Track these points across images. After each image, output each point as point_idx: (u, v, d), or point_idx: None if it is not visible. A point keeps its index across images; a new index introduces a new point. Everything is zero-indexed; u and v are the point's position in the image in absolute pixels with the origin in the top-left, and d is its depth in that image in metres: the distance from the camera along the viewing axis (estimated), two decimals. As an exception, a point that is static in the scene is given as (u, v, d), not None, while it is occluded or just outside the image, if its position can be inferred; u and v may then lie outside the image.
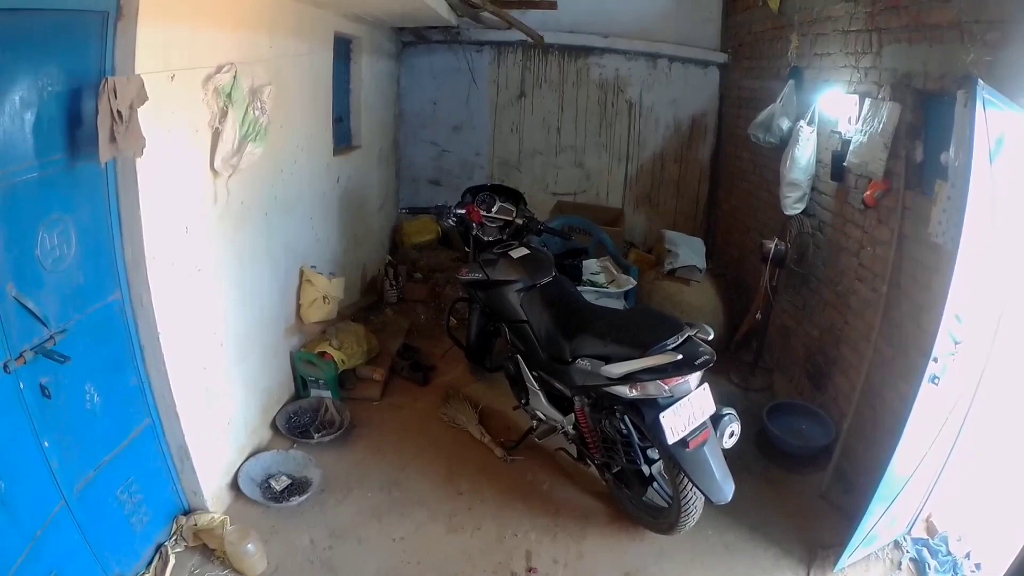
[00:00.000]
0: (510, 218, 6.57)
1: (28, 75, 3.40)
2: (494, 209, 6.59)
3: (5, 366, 3.26)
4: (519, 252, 5.97)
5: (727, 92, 10.32)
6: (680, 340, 4.40)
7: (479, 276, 5.86)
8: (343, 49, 8.53)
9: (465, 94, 11.02)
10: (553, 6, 9.35)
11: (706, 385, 4.55)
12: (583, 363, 4.81)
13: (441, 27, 9.92)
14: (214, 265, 5.10)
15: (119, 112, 3.64)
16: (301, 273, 6.76)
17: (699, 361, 4.31)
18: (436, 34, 10.48)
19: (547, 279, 5.78)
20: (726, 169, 10.28)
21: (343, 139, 8.62)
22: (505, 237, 6.49)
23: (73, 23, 3.69)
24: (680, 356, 4.27)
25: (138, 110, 3.81)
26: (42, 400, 3.55)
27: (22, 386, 3.40)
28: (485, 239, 6.48)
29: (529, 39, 9.84)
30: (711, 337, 4.52)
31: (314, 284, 6.71)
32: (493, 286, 5.81)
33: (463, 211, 6.50)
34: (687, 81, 10.56)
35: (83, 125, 3.70)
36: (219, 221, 5.15)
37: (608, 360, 4.57)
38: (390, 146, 10.61)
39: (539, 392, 5.57)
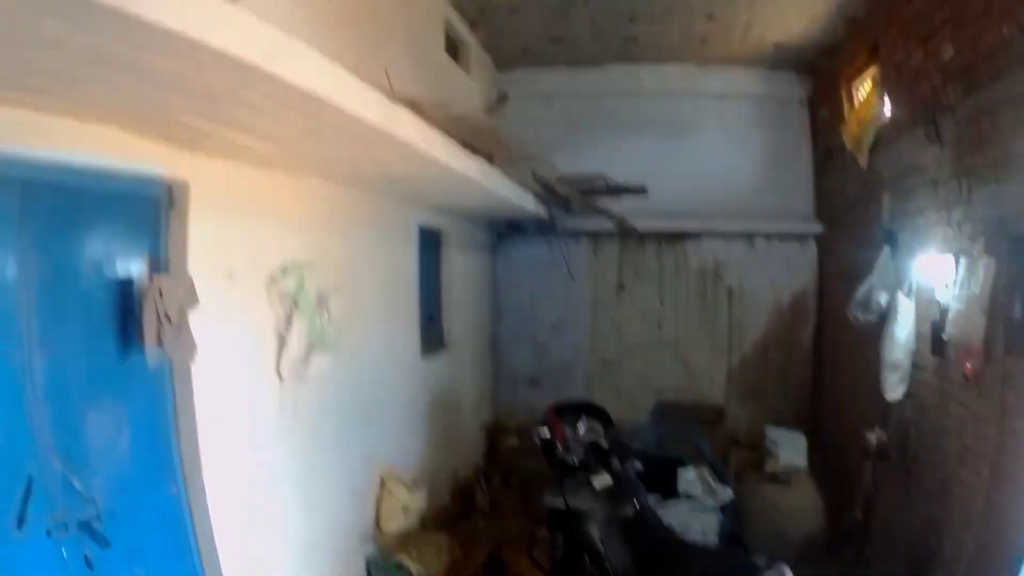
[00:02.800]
0: (597, 439, 6.34)
1: (78, 259, 3.54)
2: (580, 429, 6.38)
3: (48, 532, 3.28)
4: (602, 481, 5.75)
5: (825, 265, 10.16)
6: None
7: (559, 504, 5.68)
8: (431, 242, 8.61)
9: (563, 288, 11.01)
10: (643, 191, 9.39)
11: None
12: None
13: (536, 219, 9.99)
14: (280, 470, 5.09)
15: (167, 315, 3.72)
16: (382, 482, 6.66)
17: None
18: (531, 225, 10.57)
19: (629, 513, 5.52)
20: (828, 350, 9.97)
21: (434, 339, 8.61)
22: (591, 460, 6.21)
23: (123, 208, 3.85)
24: None
25: (189, 312, 3.90)
26: (85, 571, 3.49)
27: (65, 554, 3.38)
28: (571, 461, 6.21)
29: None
30: None
31: (394, 494, 6.62)
32: (573, 515, 5.62)
33: (547, 432, 6.24)
34: (785, 258, 10.46)
35: (135, 320, 3.76)
36: (286, 427, 5.16)
37: None
38: (486, 344, 10.65)
39: None
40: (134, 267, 3.89)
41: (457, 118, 5.54)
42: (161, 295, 3.70)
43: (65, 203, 3.45)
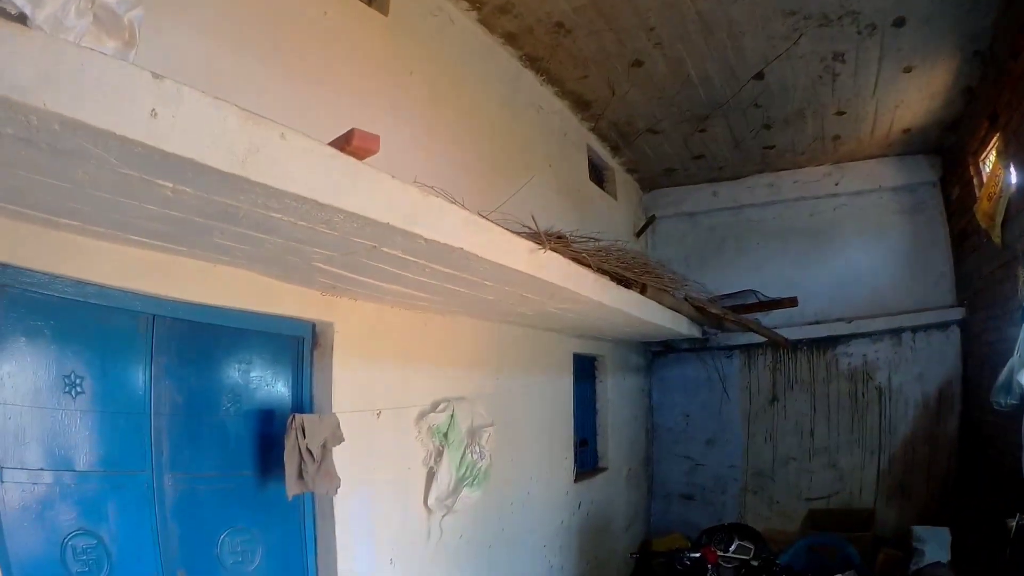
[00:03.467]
0: (747, 557, 6.00)
1: (213, 390, 3.54)
2: (731, 548, 6.10)
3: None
4: None
5: (969, 351, 9.37)
6: None
7: None
8: (586, 368, 8.41)
9: (717, 405, 10.56)
10: (794, 303, 8.92)
11: None
12: None
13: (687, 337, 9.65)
14: (424, 600, 4.80)
15: (309, 451, 3.58)
16: (527, 605, 6.32)
17: None
18: (684, 343, 10.25)
19: None
20: (973, 439, 9.17)
21: (588, 462, 8.32)
22: None
23: (263, 345, 3.81)
24: None
25: (334, 449, 3.72)
26: None
27: None
28: None
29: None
30: None
31: (539, 619, 6.20)
32: None
33: (698, 555, 5.98)
34: (930, 349, 9.69)
35: (274, 450, 3.67)
36: (431, 557, 4.90)
37: None
38: (640, 464, 10.21)
39: None
40: (275, 401, 3.87)
41: (607, 249, 5.28)
42: (304, 432, 3.57)
43: (200, 337, 3.49)
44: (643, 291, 5.85)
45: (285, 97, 3.26)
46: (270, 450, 3.72)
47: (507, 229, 3.27)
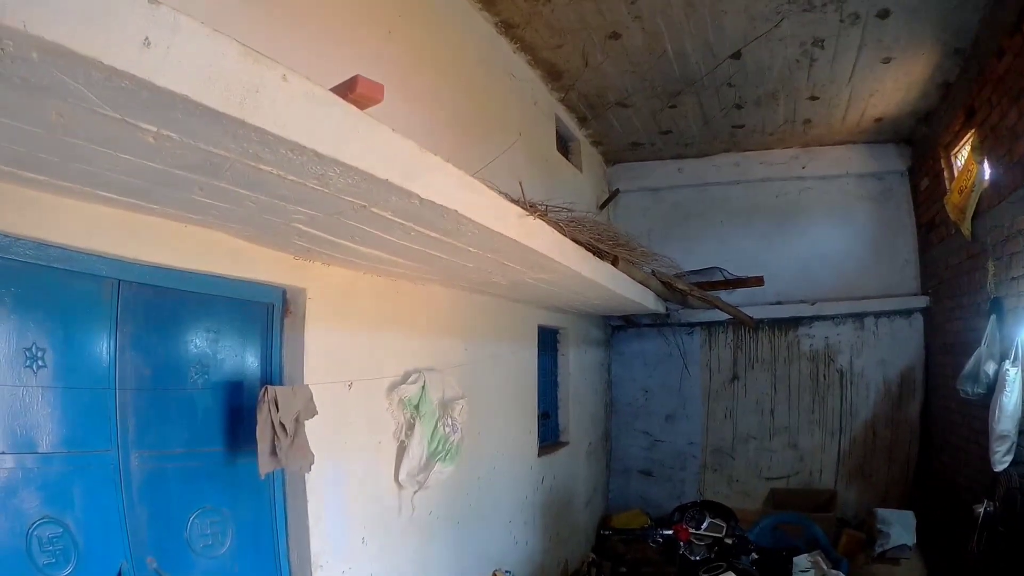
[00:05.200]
0: (720, 535, 5.97)
1: (180, 361, 3.39)
2: (703, 526, 6.03)
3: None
4: None
5: (932, 339, 9.59)
6: None
7: None
8: (549, 340, 8.37)
9: (677, 381, 10.61)
10: (760, 283, 8.92)
11: None
12: None
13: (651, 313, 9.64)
14: (392, 574, 4.71)
15: (282, 424, 3.43)
16: (493, 576, 6.28)
17: None
18: (645, 318, 10.26)
19: None
20: (936, 425, 9.42)
21: (549, 436, 8.29)
22: (713, 556, 5.90)
23: (232, 312, 3.65)
24: None
25: (306, 423, 3.59)
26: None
27: None
28: (692, 558, 5.88)
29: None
30: None
31: (506, 593, 6.20)
32: None
33: (670, 532, 5.95)
34: (893, 336, 9.89)
35: (244, 424, 3.54)
36: (402, 532, 4.82)
37: None
38: (600, 439, 10.20)
39: None
40: (245, 372, 3.72)
41: (579, 221, 5.19)
42: (276, 406, 3.42)
43: (167, 304, 3.31)
44: (615, 263, 5.78)
45: (265, 45, 3.07)
46: (240, 424, 3.57)
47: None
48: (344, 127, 1.94)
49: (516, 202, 3.52)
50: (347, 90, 2.06)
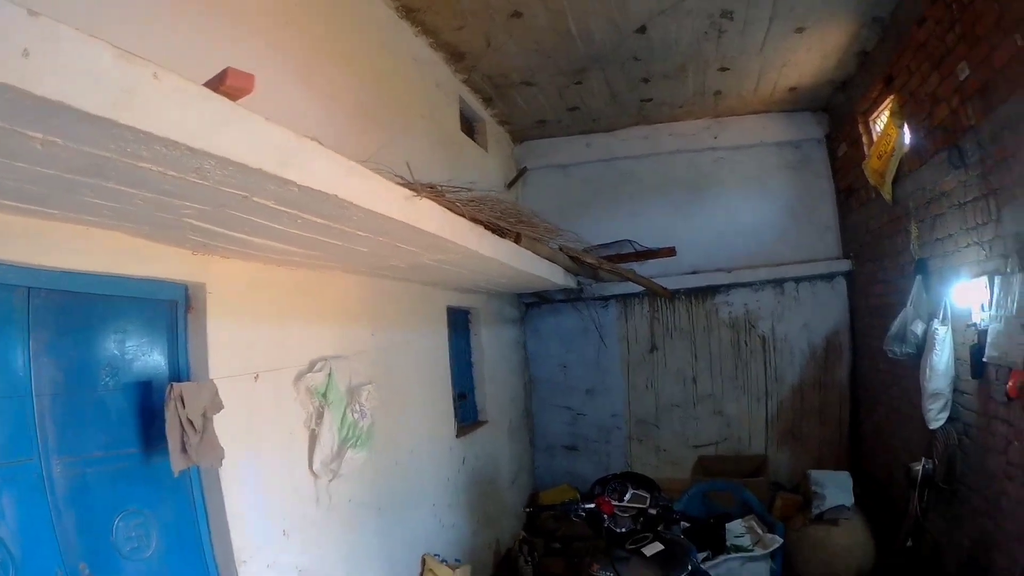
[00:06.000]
0: (643, 506, 6.07)
1: (92, 364, 3.44)
2: (626, 498, 6.08)
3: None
4: (653, 548, 5.48)
5: (857, 302, 9.98)
6: None
7: (611, 575, 5.34)
8: (460, 321, 8.54)
9: (595, 355, 10.88)
10: (672, 253, 9.18)
11: None
12: None
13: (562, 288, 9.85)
14: (318, 565, 4.82)
15: (190, 421, 3.53)
16: (423, 562, 6.43)
17: None
18: (558, 294, 10.42)
19: None
20: (865, 386, 9.77)
21: (468, 416, 8.46)
22: (639, 527, 5.99)
23: (137, 312, 3.72)
24: None
25: (214, 417, 3.69)
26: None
27: None
28: (618, 530, 5.96)
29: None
30: None
31: (437, 575, 6.37)
32: None
33: (592, 505, 6.03)
34: (816, 300, 10.27)
35: (156, 423, 3.61)
36: (323, 522, 4.92)
37: None
38: (521, 416, 10.42)
39: None
40: (153, 371, 3.79)
41: (481, 200, 5.35)
42: (183, 403, 3.52)
43: (76, 308, 3.37)
44: (517, 240, 5.93)
45: (156, 42, 3.16)
46: (152, 424, 3.64)
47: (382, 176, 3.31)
48: (215, 119, 2.07)
49: (407, 184, 3.68)
50: (218, 83, 2.18)
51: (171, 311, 3.89)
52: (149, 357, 3.79)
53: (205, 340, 3.91)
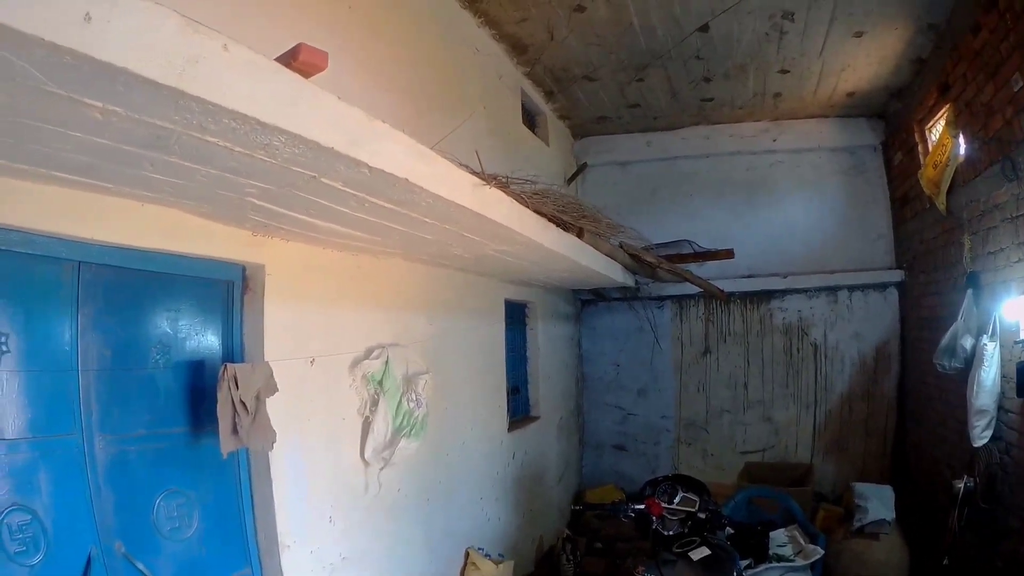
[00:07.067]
0: (693, 509, 5.93)
1: (142, 342, 3.41)
2: (676, 500, 5.94)
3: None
4: (700, 553, 5.38)
5: (907, 313, 9.74)
6: None
7: None
8: (517, 315, 8.45)
9: (648, 355, 10.73)
10: (730, 255, 9.00)
11: None
12: None
13: (620, 285, 9.68)
14: (361, 554, 4.77)
15: (243, 403, 3.47)
16: (466, 555, 6.37)
17: None
18: (615, 292, 10.35)
19: None
20: (912, 399, 9.56)
21: (520, 410, 8.38)
22: (687, 531, 5.86)
23: (192, 291, 3.68)
24: None
25: (267, 400, 3.63)
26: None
27: None
28: (666, 533, 5.83)
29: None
30: None
31: (480, 568, 6.31)
32: None
33: (642, 507, 5.85)
34: (868, 309, 10.04)
35: (206, 404, 3.57)
36: (369, 511, 4.88)
37: None
38: (572, 413, 10.31)
39: None
40: (206, 351, 3.75)
41: (544, 193, 5.25)
42: (236, 384, 3.46)
43: (127, 285, 3.32)
44: (580, 235, 5.83)
45: (217, 17, 3.10)
46: (201, 404, 3.61)
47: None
48: (287, 95, 1.99)
49: (475, 174, 3.58)
50: (290, 58, 2.10)
51: (227, 291, 3.85)
52: (203, 337, 3.75)
53: (261, 322, 3.86)
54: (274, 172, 2.46)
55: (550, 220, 5.04)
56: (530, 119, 8.98)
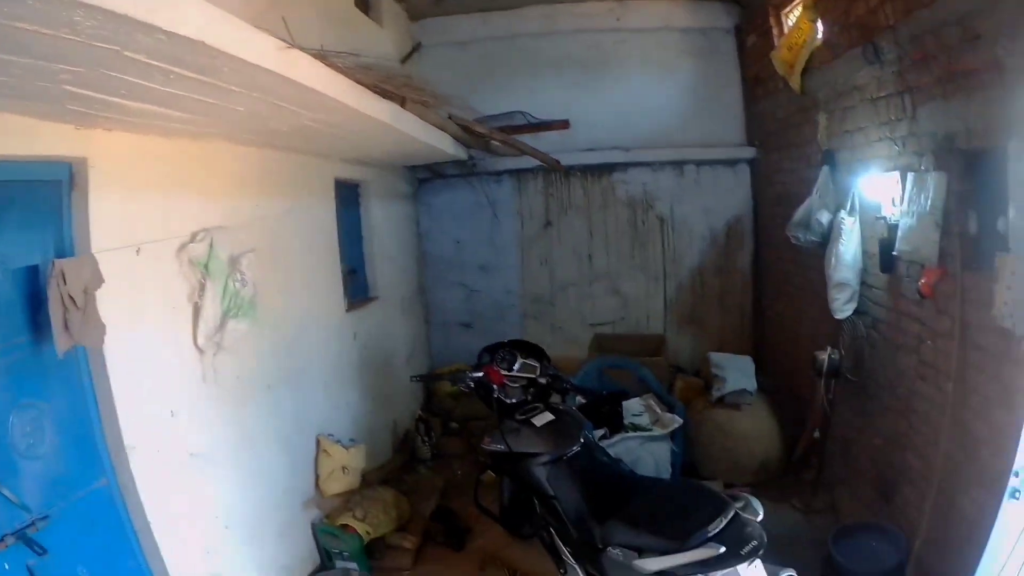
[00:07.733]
0: (534, 375, 6.02)
1: None
2: (516, 367, 6.02)
3: (-16, 548, 3.13)
4: (543, 418, 5.45)
5: (760, 190, 10.23)
6: (724, 522, 4.02)
7: (501, 447, 5.34)
8: (350, 195, 8.50)
9: (488, 230, 10.97)
10: (566, 126, 9.28)
11: (757, 562, 4.03)
12: (615, 552, 4.38)
13: (455, 160, 9.82)
14: (209, 448, 4.93)
15: (72, 298, 3.55)
16: (318, 443, 6.58)
17: (746, 550, 3.91)
18: (451, 168, 10.43)
19: (574, 449, 5.26)
20: (769, 274, 10.10)
21: (359, 292, 8.51)
22: (530, 398, 5.94)
23: (25, 194, 3.67)
24: (723, 548, 3.89)
25: (95, 293, 3.72)
26: (30, 582, 3.37)
27: (7, 567, 3.29)
28: (508, 401, 5.85)
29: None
30: (760, 516, 4.15)
31: (331, 455, 6.53)
32: (517, 459, 5.29)
33: (480, 374, 5.87)
34: (717, 185, 10.49)
35: (44, 309, 3.60)
36: (211, 401, 5.02)
37: (641, 552, 4.20)
38: (414, 292, 10.54)
39: (577, 569, 5.01)
40: (41, 255, 3.74)
41: (366, 65, 5.32)
42: (64, 279, 3.53)
43: None
44: (403, 104, 5.93)
45: None
46: (40, 310, 3.63)
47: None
48: None
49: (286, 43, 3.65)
50: None
51: (56, 191, 3.84)
52: (36, 241, 3.75)
53: (87, 215, 3.90)
54: (81, 51, 2.51)
55: (371, 90, 5.12)
56: (364, 2, 8.85)
